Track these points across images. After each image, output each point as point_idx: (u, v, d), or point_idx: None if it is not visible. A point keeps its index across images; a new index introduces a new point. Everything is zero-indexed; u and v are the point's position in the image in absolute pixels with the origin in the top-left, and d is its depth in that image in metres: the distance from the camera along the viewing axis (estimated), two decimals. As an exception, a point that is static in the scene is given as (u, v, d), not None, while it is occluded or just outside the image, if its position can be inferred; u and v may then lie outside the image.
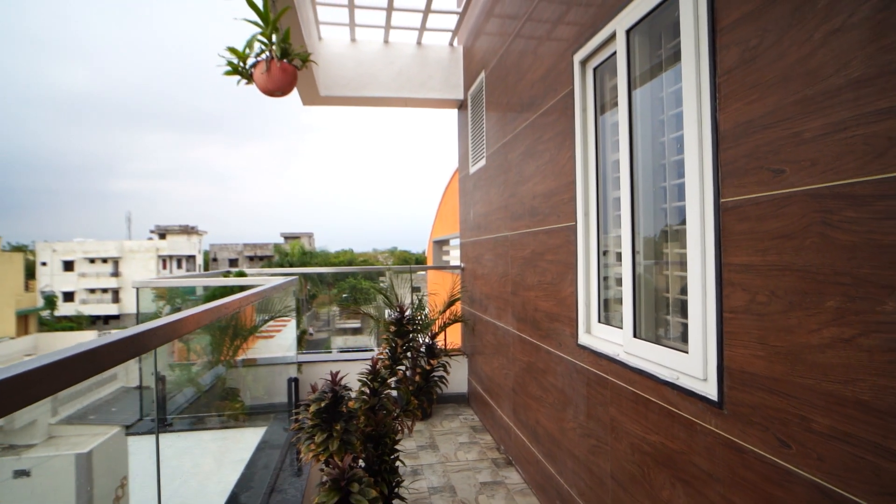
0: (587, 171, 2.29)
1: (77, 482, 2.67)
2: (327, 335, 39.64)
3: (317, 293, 40.54)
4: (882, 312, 0.98)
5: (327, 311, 38.01)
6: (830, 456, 1.09)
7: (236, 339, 3.59)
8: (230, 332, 3.49)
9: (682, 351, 1.59)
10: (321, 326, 41.17)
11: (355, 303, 6.05)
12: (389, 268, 4.82)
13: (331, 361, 4.77)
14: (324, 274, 8.54)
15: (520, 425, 3.24)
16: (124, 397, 3.65)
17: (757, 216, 1.29)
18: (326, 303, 37.00)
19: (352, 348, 23.18)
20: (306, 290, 30.07)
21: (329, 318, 39.74)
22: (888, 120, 0.97)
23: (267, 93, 2.89)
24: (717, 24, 1.46)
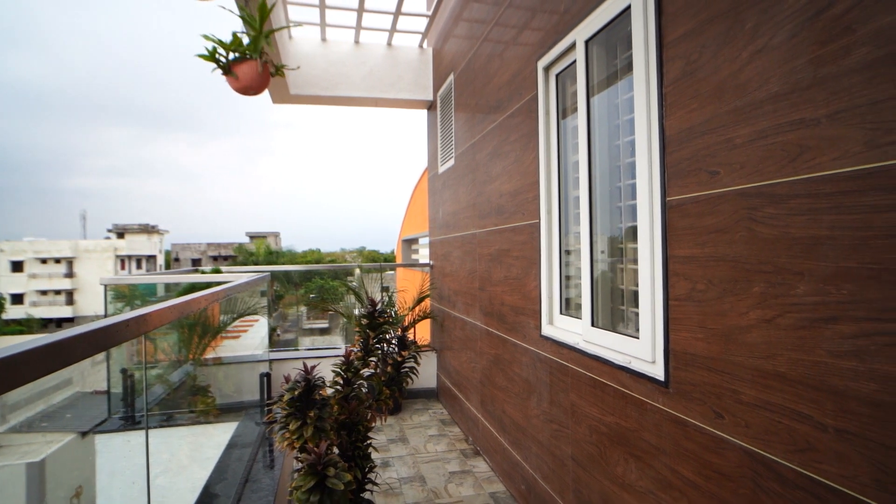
0: (550, 171, 2.43)
1: (28, 493, 2.59)
2: (295, 336, 39.02)
3: (283, 293, 39.58)
4: (795, 295, 1.13)
5: (294, 311, 37.55)
6: (755, 422, 1.25)
7: (205, 337, 3.58)
8: (199, 330, 3.49)
9: (634, 337, 1.73)
10: (288, 327, 40.48)
11: (323, 301, 6.06)
12: (360, 266, 4.87)
13: (301, 358, 4.78)
14: (291, 274, 8.47)
15: (487, 416, 3.36)
16: (81, 402, 3.58)
17: (696, 213, 1.44)
18: (293, 303, 36.38)
19: (320, 348, 22.95)
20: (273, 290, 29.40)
21: (296, 318, 39.25)
22: (799, 130, 1.13)
23: (242, 91, 2.92)
24: (664, 38, 1.60)
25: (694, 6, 1.47)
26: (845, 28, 1.03)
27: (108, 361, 2.80)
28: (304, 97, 5.06)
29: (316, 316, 38.91)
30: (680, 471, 1.52)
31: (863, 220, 1.00)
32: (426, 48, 5.32)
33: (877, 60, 0.97)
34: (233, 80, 2.92)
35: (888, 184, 0.95)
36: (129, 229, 49.20)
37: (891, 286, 0.95)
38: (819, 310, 1.08)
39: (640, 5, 1.69)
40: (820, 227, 1.08)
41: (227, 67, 2.82)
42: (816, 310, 1.09)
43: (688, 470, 1.49)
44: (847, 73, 1.03)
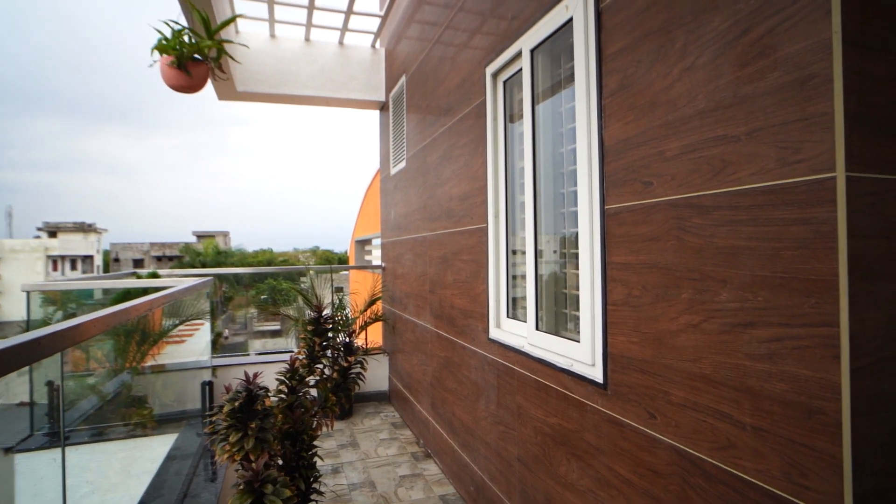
0: (497, 176, 2.46)
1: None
2: (244, 338, 37.73)
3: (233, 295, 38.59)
4: (718, 302, 1.20)
5: (244, 313, 36.20)
6: (684, 422, 1.31)
7: (144, 345, 3.41)
8: (137, 337, 3.31)
9: (575, 340, 1.78)
10: (238, 329, 39.10)
11: (274, 304, 5.84)
12: (310, 267, 4.78)
13: (248, 364, 4.64)
14: (241, 274, 8.20)
15: (438, 418, 3.37)
16: (2, 416, 3.32)
17: (632, 221, 1.50)
18: (243, 305, 35.14)
19: (271, 351, 22.29)
20: (221, 291, 28.56)
21: (246, 320, 37.88)
22: (722, 145, 1.19)
23: (177, 89, 2.79)
24: (603, 52, 1.66)
25: (630, 22, 1.53)
26: (760, 53, 1.10)
27: (31, 373, 2.61)
28: (252, 94, 4.90)
29: (267, 318, 37.66)
30: (617, 469, 1.58)
31: (775, 233, 1.07)
32: (379, 49, 5.27)
33: (786, 84, 1.05)
34: (177, 76, 2.80)
35: (795, 199, 1.02)
36: (63, 227, 46.07)
37: (799, 294, 1.02)
38: (739, 315, 1.15)
39: (581, 19, 1.74)
40: (739, 237, 1.15)
41: (183, 63, 2.70)
42: (737, 315, 1.15)
43: (624, 468, 1.54)
44: (763, 94, 1.10)
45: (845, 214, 0.95)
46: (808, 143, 1.01)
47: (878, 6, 1.00)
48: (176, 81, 2.81)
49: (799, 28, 1.03)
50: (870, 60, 0.99)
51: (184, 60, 2.76)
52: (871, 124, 0.98)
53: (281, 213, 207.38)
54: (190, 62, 2.79)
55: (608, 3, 1.63)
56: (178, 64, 2.74)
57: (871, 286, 0.97)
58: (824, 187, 0.98)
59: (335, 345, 2.42)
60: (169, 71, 2.78)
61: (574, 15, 1.78)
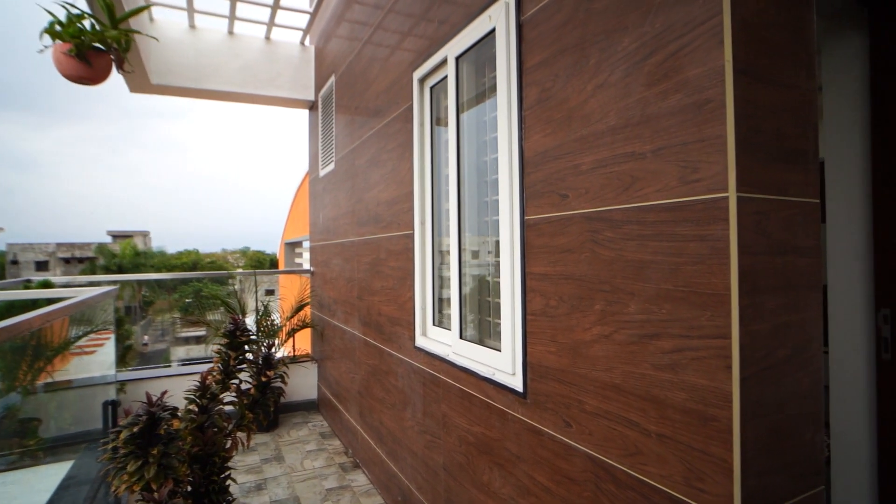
0: (424, 182, 2.44)
1: None
2: (166, 346, 35.27)
3: (153, 299, 35.75)
4: (627, 313, 1.24)
5: (167, 318, 33.83)
6: (597, 430, 1.34)
7: (39, 361, 3.07)
8: (29, 353, 2.98)
9: (497, 350, 1.79)
10: (158, 336, 36.53)
11: (200, 309, 5.39)
12: (233, 273, 4.52)
13: (165, 377, 4.32)
14: (155, 280, 7.65)
15: (366, 428, 3.30)
16: None
17: (550, 233, 1.52)
18: (166, 309, 32.82)
19: (196, 359, 20.99)
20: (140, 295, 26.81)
21: (169, 326, 35.44)
22: (631, 162, 1.24)
23: (76, 80, 2.54)
24: (524, 64, 1.68)
25: (549, 36, 1.55)
26: (664, 75, 1.15)
27: None
28: (169, 88, 4.58)
29: (191, 324, 35.48)
30: (536, 477, 1.60)
31: (677, 248, 1.11)
32: (308, 46, 5.11)
33: (687, 106, 1.10)
34: (74, 67, 2.54)
35: (694, 216, 1.07)
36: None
37: (697, 307, 1.07)
38: (645, 327, 1.19)
39: (503, 30, 1.75)
40: (646, 251, 1.19)
41: (83, 52, 2.45)
42: (643, 327, 1.20)
43: (543, 476, 1.57)
44: (666, 114, 1.15)
45: (736, 232, 1.00)
46: (704, 163, 1.06)
47: (763, 40, 1.07)
48: (73, 72, 2.55)
49: (697, 54, 1.08)
50: (757, 89, 1.06)
51: (84, 50, 2.52)
52: (758, 148, 1.05)
53: (208, 212, 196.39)
54: (91, 52, 2.55)
55: (528, 17, 1.65)
56: (76, 53, 2.49)
57: (758, 299, 1.03)
58: (718, 206, 1.03)
59: (254, 357, 2.29)
60: (65, 60, 2.52)
61: (497, 25, 1.80)
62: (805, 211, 1.15)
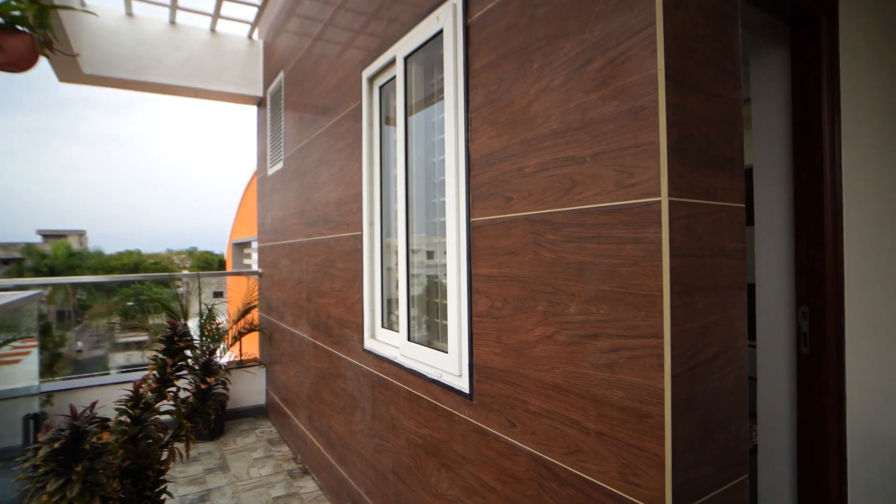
0: (373, 183, 2.41)
1: None
2: (104, 352, 33.25)
3: (90, 303, 33.78)
4: (568, 314, 1.26)
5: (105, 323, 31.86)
6: (540, 429, 1.36)
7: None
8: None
9: (444, 351, 1.79)
10: (96, 342, 34.43)
11: (141, 313, 5.05)
12: (173, 275, 4.31)
13: (99, 386, 4.06)
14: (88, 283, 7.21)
15: (315, 433, 3.22)
16: None
17: (495, 234, 1.53)
18: (104, 314, 30.96)
19: (136, 366, 19.89)
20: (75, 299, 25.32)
21: (107, 332, 33.42)
22: (571, 166, 1.26)
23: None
24: (470, 66, 1.68)
25: (494, 39, 1.56)
26: (602, 82, 1.18)
27: None
28: (104, 79, 4.32)
29: (132, 328, 33.68)
30: (482, 477, 1.61)
31: (614, 250, 1.15)
32: (257, 41, 4.95)
33: (623, 113, 1.13)
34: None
35: (630, 220, 1.11)
36: None
37: (633, 308, 1.10)
38: (585, 327, 1.22)
39: (450, 31, 1.75)
40: (585, 253, 1.22)
41: None
42: (583, 327, 1.22)
43: (488, 476, 1.58)
44: (604, 120, 1.18)
45: (668, 235, 1.04)
46: (639, 168, 1.09)
47: (693, 50, 1.12)
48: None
49: (632, 62, 1.11)
50: (688, 97, 1.10)
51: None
52: (689, 155, 1.09)
53: (152, 211, 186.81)
54: (2, 32, 2.34)
55: (475, 19, 1.66)
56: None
57: (688, 300, 1.08)
58: (652, 210, 1.06)
59: (195, 361, 2.19)
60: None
61: (444, 27, 1.79)
62: (731, 215, 1.20)
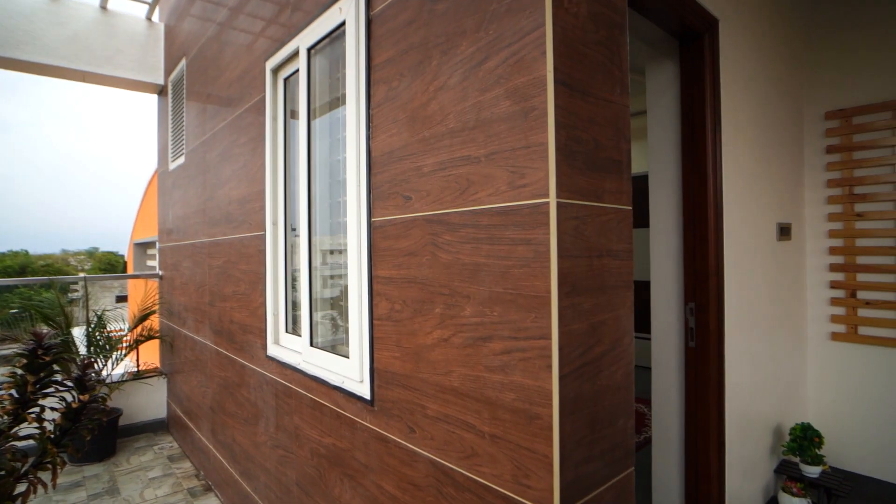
0: (276, 180, 2.28)
1: None
2: (-19, 366, 29.47)
3: (-40, 311, 29.80)
4: (464, 317, 1.24)
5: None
6: (438, 434, 1.34)
7: None
8: None
9: (346, 357, 1.72)
10: (-30, 355, 30.40)
11: (30, 320, 4.39)
12: (52, 279, 3.85)
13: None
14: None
15: (218, 446, 3.01)
16: None
17: (395, 235, 1.49)
18: (-22, 323, 27.53)
19: (21, 380, 17.75)
20: (-62, 306, 21.25)
21: (-16, 342, 29.66)
22: (467, 165, 1.24)
23: None
24: (372, 60, 1.62)
25: (395, 34, 1.52)
26: (496, 81, 1.17)
27: None
28: (-37, 54, 3.78)
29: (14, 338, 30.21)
30: (384, 486, 1.55)
31: (507, 251, 1.14)
32: (157, 23, 4.57)
33: (516, 113, 1.12)
34: None
35: (521, 221, 1.10)
36: None
37: (524, 309, 1.10)
38: (479, 329, 1.20)
39: (353, 23, 1.68)
40: (480, 255, 1.20)
41: None
42: (477, 330, 1.21)
43: (390, 484, 1.53)
44: (498, 120, 1.17)
45: (556, 236, 1.05)
46: (530, 169, 1.09)
47: (582, 54, 1.13)
48: None
49: (524, 63, 1.11)
50: (576, 101, 1.12)
51: None
52: (577, 157, 1.11)
53: (43, 207, 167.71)
54: None
55: (378, 12, 1.61)
56: None
57: (576, 300, 1.09)
58: (541, 211, 1.07)
59: (66, 378, 1.95)
60: None
61: (347, 18, 1.72)
62: (619, 217, 1.24)
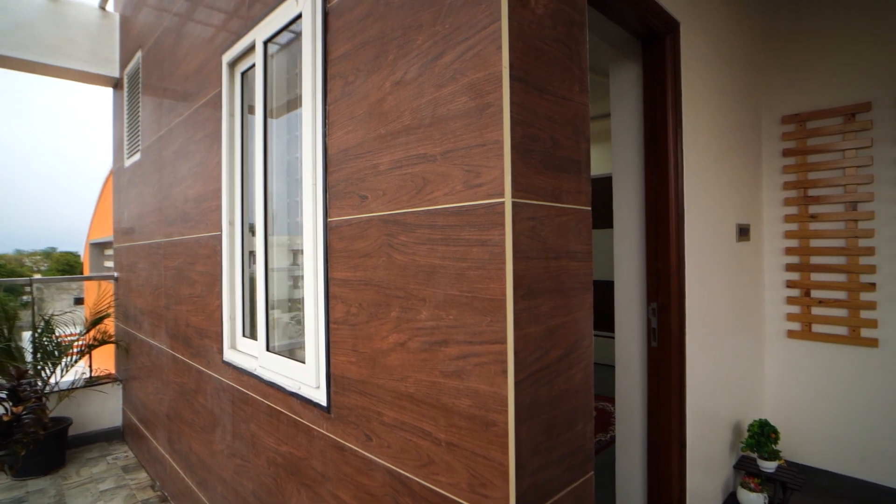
0: (233, 178, 2.19)
1: None
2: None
3: None
4: (420, 320, 1.20)
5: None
6: (394, 442, 1.29)
7: None
8: None
9: (303, 361, 1.65)
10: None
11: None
12: None
13: None
14: None
15: (175, 455, 2.88)
16: None
17: (350, 236, 1.43)
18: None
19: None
20: None
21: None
22: (423, 164, 1.20)
23: None
24: (329, 54, 1.56)
25: (352, 28, 1.46)
26: (452, 77, 1.13)
27: None
28: None
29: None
30: (341, 496, 1.50)
31: (462, 253, 1.10)
32: (112, 12, 4.37)
33: (471, 110, 1.09)
34: None
35: (477, 221, 1.07)
36: None
37: (479, 312, 1.06)
38: (435, 334, 1.16)
39: (309, 15, 1.62)
40: (436, 256, 1.16)
41: None
42: (433, 334, 1.17)
43: (346, 494, 1.47)
44: (454, 116, 1.13)
45: (511, 237, 1.02)
46: (485, 168, 1.06)
47: (539, 50, 1.10)
48: None
49: (480, 58, 1.07)
50: (533, 98, 1.09)
51: None
52: (534, 156, 1.08)
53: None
54: None
55: (334, 4, 1.55)
56: None
57: (533, 303, 1.06)
58: (496, 211, 1.03)
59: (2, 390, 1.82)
60: None
61: (304, 10, 1.66)
62: (578, 217, 1.22)
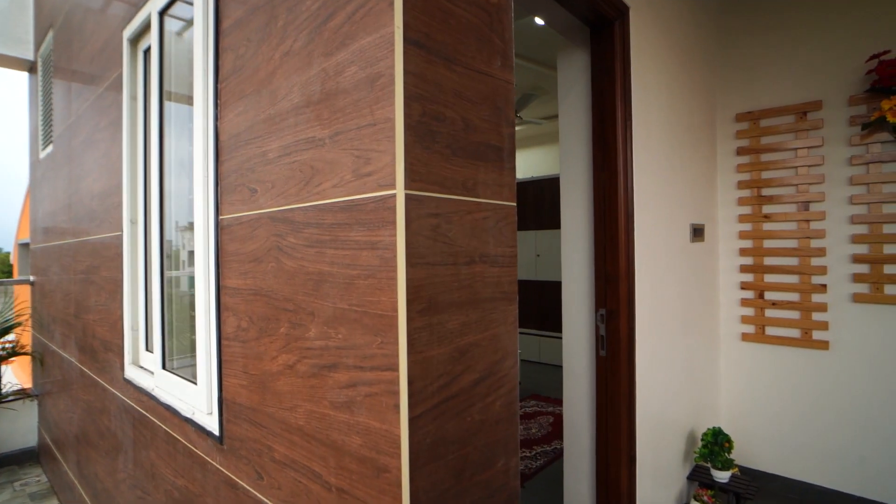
0: (135, 170, 1.93)
1: None
2: None
3: None
4: (308, 339, 0.99)
5: None
6: (285, 483, 1.08)
7: None
8: None
9: (195, 383, 1.42)
10: None
11: None
12: None
13: None
14: None
15: (83, 482, 2.59)
16: None
17: (241, 237, 1.21)
18: None
19: None
20: None
21: None
22: (312, 150, 0.99)
23: None
24: (221, 23, 1.33)
25: (244, -9, 1.24)
26: (341, 42, 0.93)
27: None
28: None
29: None
30: (235, 542, 1.28)
31: (351, 258, 0.90)
32: (28, -10, 3.97)
33: (361, 82, 0.89)
34: None
35: (366, 218, 0.87)
36: None
37: (370, 332, 0.86)
38: (324, 356, 0.96)
39: (201, -21, 1.38)
40: (324, 261, 0.96)
41: None
42: (322, 355, 0.96)
43: (240, 541, 1.25)
44: (343, 91, 0.92)
45: (404, 238, 0.82)
46: (375, 152, 0.86)
47: (447, 12, 0.91)
48: None
49: (371, 17, 0.87)
50: (437, 68, 0.89)
51: None
52: (436, 138, 0.88)
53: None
54: None
55: (227, -35, 1.32)
56: None
57: (434, 319, 0.87)
58: (387, 206, 0.83)
59: None
60: None
61: (196, -26, 1.42)
62: (498, 214, 1.03)
